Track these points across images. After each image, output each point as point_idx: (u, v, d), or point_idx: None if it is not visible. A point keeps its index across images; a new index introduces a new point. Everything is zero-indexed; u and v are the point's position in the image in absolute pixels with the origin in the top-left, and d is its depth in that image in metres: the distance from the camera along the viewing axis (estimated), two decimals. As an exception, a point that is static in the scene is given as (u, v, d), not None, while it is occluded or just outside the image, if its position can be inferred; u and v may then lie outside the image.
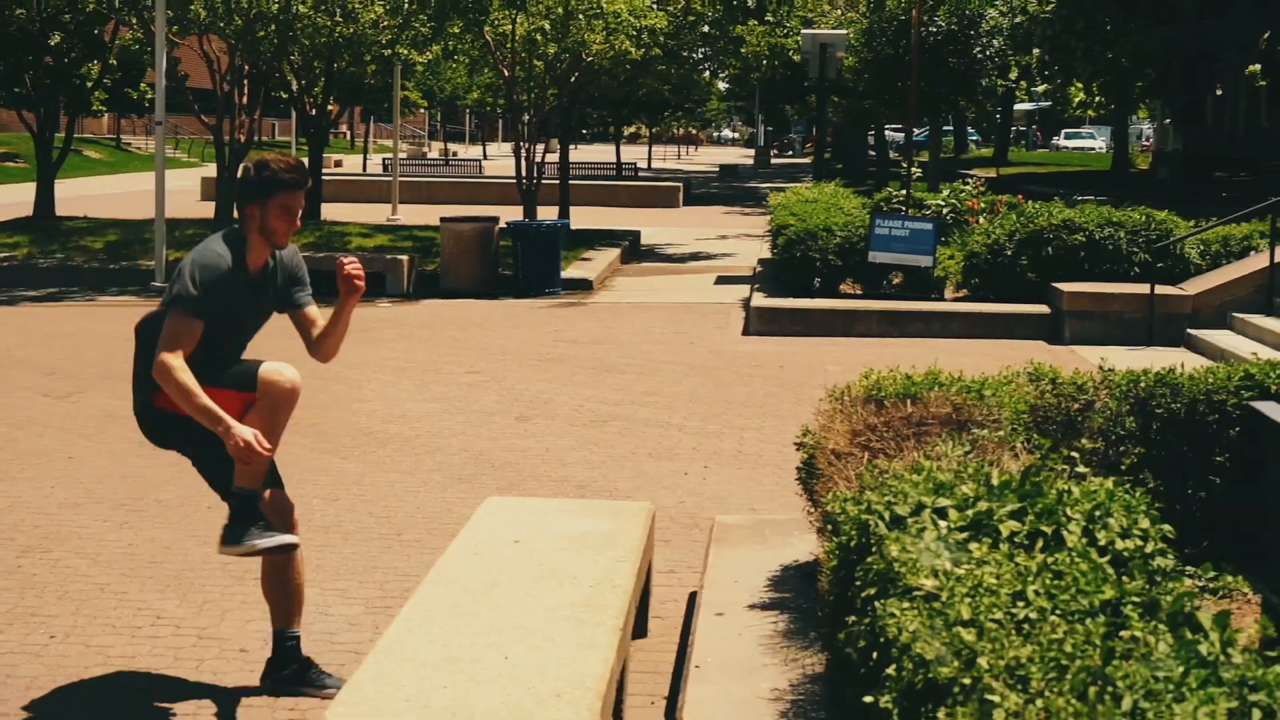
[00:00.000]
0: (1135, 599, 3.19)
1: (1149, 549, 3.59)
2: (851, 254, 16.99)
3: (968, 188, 21.44)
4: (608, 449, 9.91)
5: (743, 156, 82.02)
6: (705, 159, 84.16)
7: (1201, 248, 16.55)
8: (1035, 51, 36.42)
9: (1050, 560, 3.43)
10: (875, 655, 3.31)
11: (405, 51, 24.09)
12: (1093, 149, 77.07)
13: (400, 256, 19.74)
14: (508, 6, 22.81)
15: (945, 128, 54.77)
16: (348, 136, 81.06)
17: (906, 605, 3.29)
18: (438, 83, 52.71)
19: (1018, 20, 31.73)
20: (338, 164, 52.26)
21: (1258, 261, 15.54)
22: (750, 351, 14.30)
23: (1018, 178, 39.87)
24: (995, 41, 28.63)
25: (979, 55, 28.15)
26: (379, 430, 10.39)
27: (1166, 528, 3.77)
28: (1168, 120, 48.85)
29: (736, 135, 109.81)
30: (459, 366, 13.24)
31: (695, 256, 25.24)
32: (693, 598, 6.36)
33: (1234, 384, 6.16)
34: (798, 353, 14.12)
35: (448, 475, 9.13)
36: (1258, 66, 37.21)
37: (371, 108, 53.43)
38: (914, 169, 22.45)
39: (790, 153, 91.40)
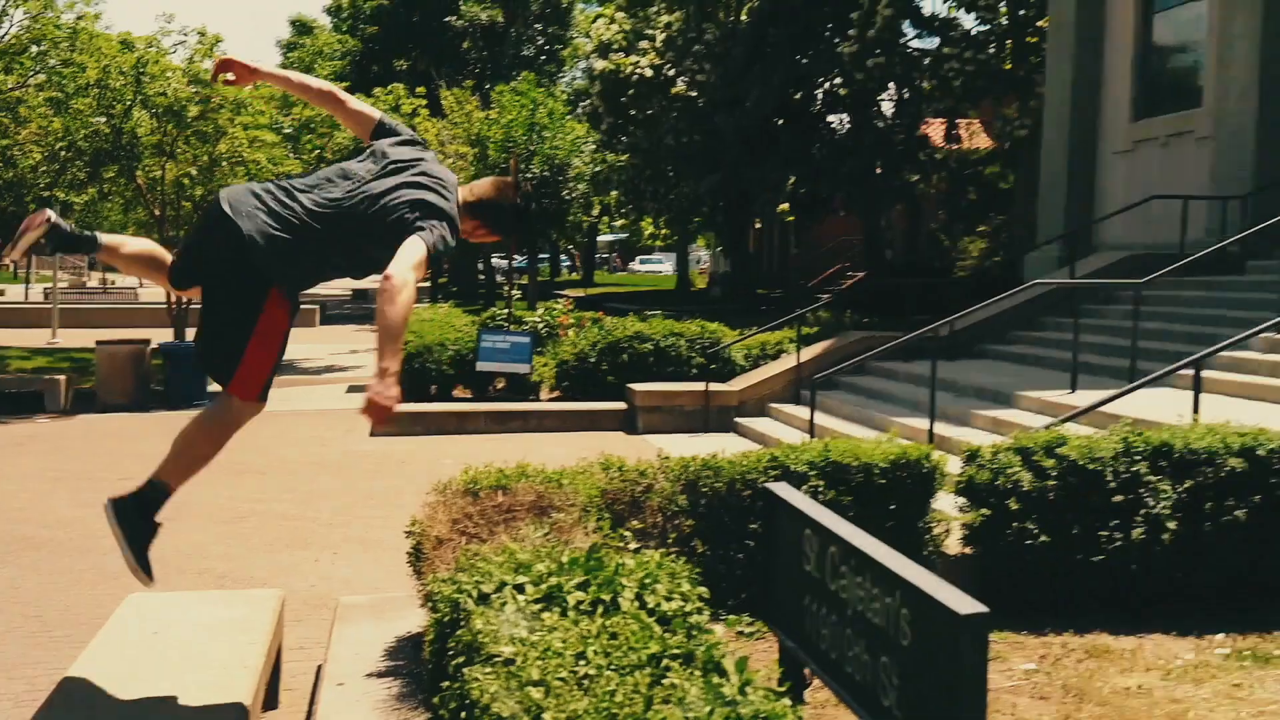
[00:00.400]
0: (675, 651, 3.26)
1: (689, 608, 3.68)
2: (463, 364, 17.04)
3: (559, 306, 21.81)
4: (246, 541, 9.53)
5: (372, 282, 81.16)
6: (339, 284, 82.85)
7: (745, 351, 17.30)
8: (614, 193, 37.68)
9: (608, 623, 3.48)
10: (464, 715, 3.28)
11: (63, 193, 22.85)
12: (662, 271, 79.88)
13: (58, 376, 18.56)
14: (158, 155, 22.00)
15: (542, 255, 55.74)
16: (11, 267, 76.10)
17: (488, 670, 3.28)
18: (95, 220, 50.23)
19: (598, 168, 32.74)
20: (1, 293, 48.98)
21: (788, 361, 16.35)
22: (376, 450, 14.07)
23: (601, 296, 40.88)
24: (580, 185, 29.43)
25: (567, 196, 28.86)
26: (33, 535, 9.69)
27: (703, 590, 3.87)
28: (719, 248, 51.21)
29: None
30: (112, 474, 12.47)
31: (329, 369, 24.71)
32: (319, 670, 6.16)
33: (762, 465, 6.45)
34: (418, 450, 13.97)
35: (98, 574, 8.57)
36: (786, 205, 39.53)
37: (33, 242, 50.27)
38: (515, 291, 22.71)
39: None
